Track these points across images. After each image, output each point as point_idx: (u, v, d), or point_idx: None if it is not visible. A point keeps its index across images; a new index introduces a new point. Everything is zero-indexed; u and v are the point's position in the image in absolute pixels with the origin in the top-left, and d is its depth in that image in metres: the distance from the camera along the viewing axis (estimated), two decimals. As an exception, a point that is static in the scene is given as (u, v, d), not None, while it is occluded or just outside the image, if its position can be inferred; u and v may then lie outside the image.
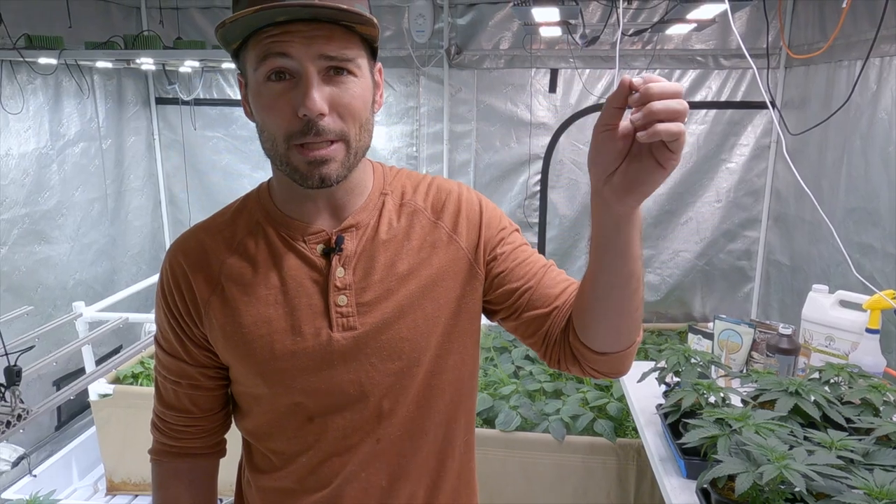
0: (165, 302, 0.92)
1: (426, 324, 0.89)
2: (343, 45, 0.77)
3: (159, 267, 0.97)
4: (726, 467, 1.12)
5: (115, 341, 3.32)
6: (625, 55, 3.25)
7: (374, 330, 0.87)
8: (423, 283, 0.89)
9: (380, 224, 0.90)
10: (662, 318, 3.59)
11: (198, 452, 0.99)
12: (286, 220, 0.89)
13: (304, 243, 0.88)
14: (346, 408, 0.88)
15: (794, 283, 3.00)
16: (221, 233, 0.91)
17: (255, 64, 0.78)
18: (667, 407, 1.58)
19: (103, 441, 2.60)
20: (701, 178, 3.38)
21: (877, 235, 2.23)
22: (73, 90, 3.03)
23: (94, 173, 3.21)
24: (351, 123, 0.79)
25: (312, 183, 0.80)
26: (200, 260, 0.89)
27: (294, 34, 0.75)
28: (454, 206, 0.94)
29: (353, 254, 0.88)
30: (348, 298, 0.87)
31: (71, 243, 3.08)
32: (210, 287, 0.88)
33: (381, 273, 0.88)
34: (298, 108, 0.76)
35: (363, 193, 0.91)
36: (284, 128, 0.78)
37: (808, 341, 1.93)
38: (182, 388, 0.94)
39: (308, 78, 0.76)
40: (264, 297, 0.87)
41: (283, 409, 0.89)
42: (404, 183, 0.95)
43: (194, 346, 0.91)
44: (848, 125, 2.45)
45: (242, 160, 3.66)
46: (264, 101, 0.78)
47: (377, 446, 0.90)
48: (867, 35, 2.27)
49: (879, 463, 1.17)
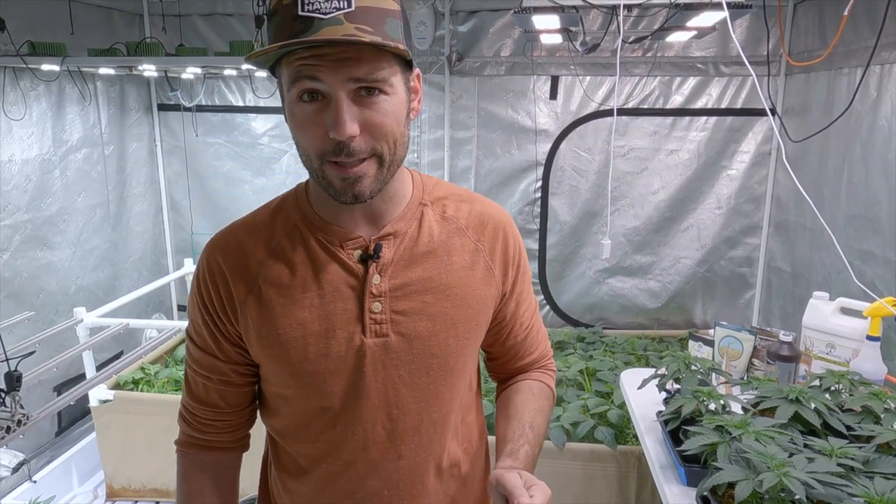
0: (201, 298, 0.92)
1: (457, 344, 0.91)
2: (373, 66, 0.76)
3: (160, 273, 0.98)
4: (726, 475, 1.11)
5: (116, 347, 3.32)
6: (625, 62, 3.26)
7: (405, 341, 0.88)
8: (458, 303, 0.91)
9: (419, 235, 0.91)
10: (663, 324, 3.58)
11: (223, 446, 1.00)
12: (324, 225, 0.90)
13: (341, 249, 0.89)
14: (369, 419, 0.89)
15: (796, 290, 3.00)
16: (260, 233, 0.91)
17: (288, 84, 0.78)
18: (667, 414, 1.57)
19: (103, 447, 2.60)
20: (702, 185, 3.38)
21: (877, 242, 2.23)
22: (76, 97, 3.05)
23: (97, 179, 3.22)
24: (383, 141, 0.80)
25: (346, 199, 0.81)
26: (238, 259, 0.90)
27: (323, 57, 0.75)
28: (494, 233, 0.96)
29: (389, 262, 0.89)
30: (383, 306, 0.88)
31: (73, 249, 3.08)
32: (247, 287, 0.89)
33: (417, 285, 0.89)
34: (329, 131, 0.77)
35: (401, 202, 0.91)
36: (317, 146, 0.79)
37: (809, 348, 1.92)
38: (213, 383, 0.95)
39: (338, 102, 0.76)
40: (300, 299, 0.88)
41: (310, 412, 0.90)
42: (446, 197, 0.95)
43: (228, 343, 0.92)
44: (848, 132, 2.45)
45: (244, 166, 3.67)
46: (297, 120, 0.80)
47: (399, 463, 0.92)
48: (867, 42, 2.27)
49: (880, 471, 1.17)
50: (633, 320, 3.60)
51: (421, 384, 0.90)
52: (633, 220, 3.46)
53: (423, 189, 0.94)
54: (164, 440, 2.53)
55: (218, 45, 3.44)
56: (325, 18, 0.74)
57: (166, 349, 3.01)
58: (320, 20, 0.74)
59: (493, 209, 0.98)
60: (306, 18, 0.74)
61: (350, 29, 0.74)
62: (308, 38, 0.73)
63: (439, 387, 0.91)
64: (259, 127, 3.62)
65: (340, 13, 0.73)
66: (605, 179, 3.21)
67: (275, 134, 3.61)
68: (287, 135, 3.55)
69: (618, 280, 3.57)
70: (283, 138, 3.61)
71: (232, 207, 3.72)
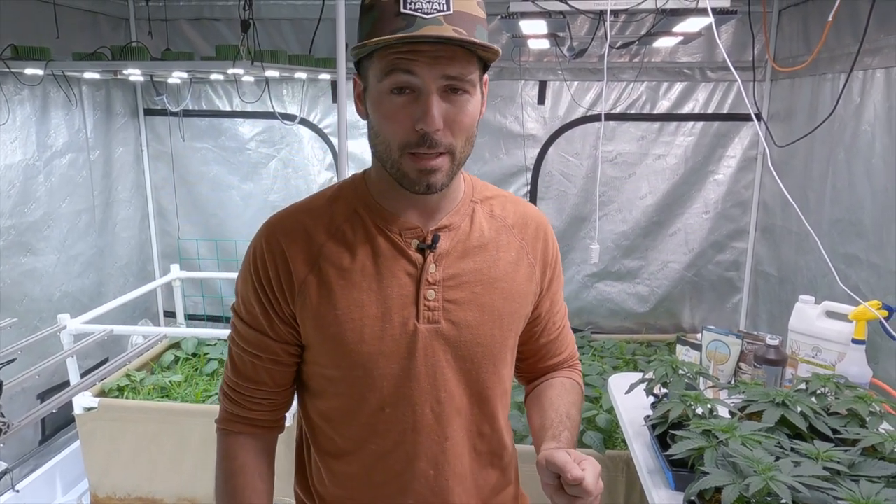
0: (257, 277, 0.94)
1: (501, 335, 0.97)
2: (463, 67, 0.83)
3: (147, 279, 0.99)
4: (713, 479, 1.11)
5: (102, 354, 3.28)
6: (613, 67, 3.28)
7: (455, 328, 0.93)
8: (505, 295, 0.97)
9: (471, 230, 0.97)
10: (651, 328, 3.59)
11: (264, 425, 1.02)
12: (384, 214, 0.94)
13: (400, 237, 0.93)
14: (419, 401, 0.94)
15: (782, 293, 3.02)
16: (320, 217, 0.95)
17: (380, 76, 0.83)
18: (654, 418, 1.58)
19: (88, 455, 2.57)
20: (689, 190, 3.40)
21: (861, 246, 2.25)
22: (61, 101, 3.02)
23: (82, 184, 3.19)
24: (459, 138, 0.86)
25: (419, 189, 0.87)
26: (300, 239, 0.93)
27: (420, 54, 0.80)
28: (535, 233, 1.03)
29: (445, 252, 0.94)
30: (436, 294, 0.93)
31: (57, 255, 3.05)
32: (308, 267, 0.92)
33: (468, 276, 0.95)
34: (417, 123, 0.82)
35: (455, 198, 0.97)
36: (400, 137, 0.84)
37: (796, 352, 1.93)
38: (262, 361, 0.97)
39: (429, 96, 0.82)
40: (359, 282, 0.92)
41: (359, 393, 0.94)
42: (493, 197, 1.02)
43: (281, 322, 0.95)
44: (833, 137, 2.47)
45: (231, 171, 3.65)
46: (385, 110, 0.85)
47: (445, 444, 0.96)
48: (850, 49, 2.29)
49: (865, 474, 1.17)
50: (622, 325, 3.61)
51: (465, 369, 0.95)
52: (621, 225, 3.47)
53: (474, 188, 1.01)
54: (150, 448, 2.52)
55: (205, 49, 3.43)
56: (427, 18, 0.80)
57: (152, 356, 2.99)
58: (423, 19, 0.80)
59: (534, 211, 1.05)
60: (408, 16, 0.79)
61: (449, 30, 0.80)
62: (414, 33, 0.78)
63: (482, 374, 0.96)
64: (246, 132, 3.60)
65: (440, 14, 0.80)
66: (593, 184, 3.22)
67: (262, 139, 3.60)
68: (274, 139, 3.57)
69: (606, 284, 3.58)
70: (271, 143, 3.60)
71: (219, 213, 3.70)
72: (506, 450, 1.06)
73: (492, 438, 1.02)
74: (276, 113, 3.46)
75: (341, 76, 2.18)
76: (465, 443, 0.98)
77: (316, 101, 3.52)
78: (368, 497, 0.99)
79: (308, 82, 3.46)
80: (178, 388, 2.76)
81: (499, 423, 1.02)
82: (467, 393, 0.96)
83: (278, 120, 3.49)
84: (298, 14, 3.38)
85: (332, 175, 3.57)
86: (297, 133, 3.56)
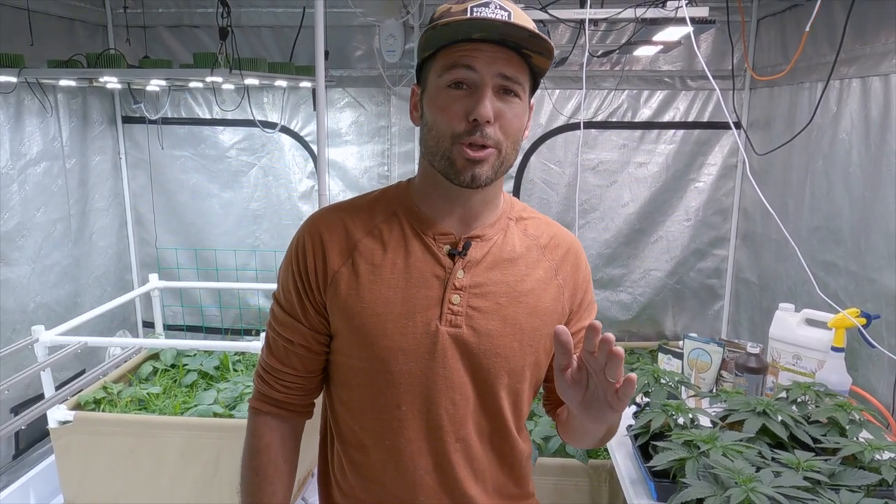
0: (297, 264, 1.00)
1: (521, 349, 0.98)
2: (517, 70, 0.90)
3: (125, 289, 0.99)
4: (694, 491, 1.11)
5: (78, 365, 3.22)
6: (593, 76, 3.29)
7: (475, 335, 0.96)
8: (529, 311, 0.99)
9: (504, 243, 1.01)
10: (634, 336, 3.60)
11: (293, 409, 1.07)
12: (421, 216, 0.99)
13: (433, 240, 0.98)
14: (434, 401, 0.96)
15: (763, 300, 3.04)
16: (361, 215, 1.01)
17: (441, 71, 0.91)
18: (637, 428, 1.57)
19: (63, 470, 2.51)
20: (670, 198, 3.41)
21: (840, 254, 2.27)
22: (36, 109, 2.97)
23: (57, 193, 3.13)
24: (507, 137, 0.92)
25: (464, 178, 0.91)
26: (340, 233, 0.99)
27: (481, 52, 0.88)
28: (566, 256, 1.05)
29: (475, 261, 0.98)
30: (461, 299, 0.96)
31: (32, 265, 2.99)
32: (342, 259, 0.98)
33: (495, 287, 0.98)
34: (470, 113, 0.88)
35: (494, 211, 1.01)
36: (453, 127, 0.90)
37: (776, 360, 1.94)
38: (293, 346, 1.02)
39: (484, 89, 0.89)
40: (388, 279, 0.96)
41: (376, 388, 0.97)
42: (528, 218, 1.06)
43: (313, 310, 1.00)
44: (811, 146, 2.50)
45: (211, 179, 3.61)
46: (441, 102, 0.91)
47: (457, 444, 0.98)
48: (827, 58, 2.32)
49: (845, 483, 1.17)
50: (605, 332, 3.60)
51: (481, 377, 0.97)
52: (603, 233, 3.48)
53: (513, 207, 1.06)
54: (127, 462, 2.46)
55: (184, 56, 3.39)
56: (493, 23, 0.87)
57: (130, 367, 2.93)
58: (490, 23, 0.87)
59: (567, 234, 1.09)
60: (475, 20, 0.87)
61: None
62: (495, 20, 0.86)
63: (497, 384, 0.98)
64: (226, 139, 3.56)
65: (500, 20, 0.87)
66: (575, 192, 3.23)
67: (243, 147, 3.56)
68: (255, 147, 3.54)
69: (589, 292, 3.58)
70: (251, 151, 3.56)
71: (199, 221, 3.66)
72: (518, 460, 1.07)
73: (502, 447, 1.03)
74: (257, 121, 3.43)
75: (320, 84, 2.16)
76: (478, 446, 1.00)
77: (297, 108, 3.49)
78: (381, 490, 1.02)
79: (289, 90, 3.44)
80: (156, 400, 2.71)
81: (511, 434, 1.03)
82: (480, 400, 0.99)
83: (259, 128, 3.46)
84: (279, 21, 3.36)
85: (313, 183, 3.54)
86: (278, 141, 3.53)
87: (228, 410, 2.60)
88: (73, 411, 2.47)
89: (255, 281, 3.63)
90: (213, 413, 2.56)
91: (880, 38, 2.07)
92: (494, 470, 1.03)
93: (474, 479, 1.01)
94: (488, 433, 1.01)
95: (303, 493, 2.72)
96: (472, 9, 0.88)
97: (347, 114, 3.48)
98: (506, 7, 0.90)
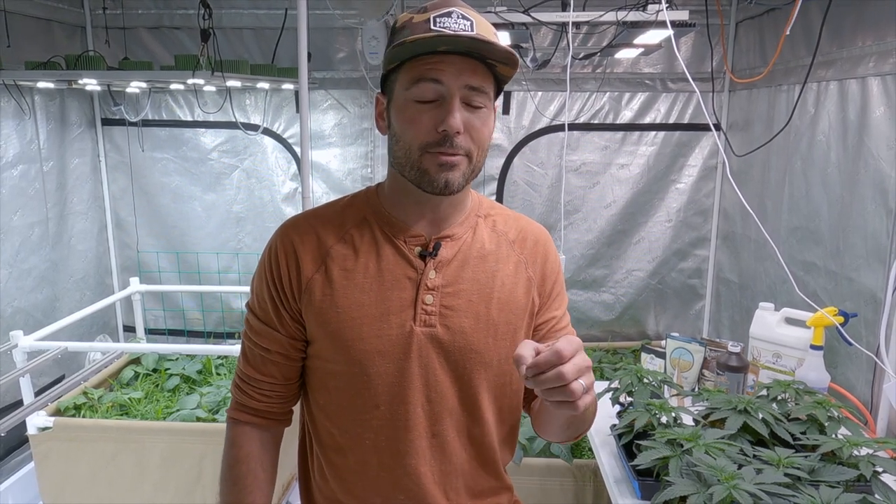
0: (270, 273, 1.01)
1: (495, 343, 1.00)
2: (483, 80, 0.92)
3: (105, 293, 0.98)
4: (678, 489, 1.12)
5: (58, 371, 3.18)
6: (576, 78, 3.31)
7: (449, 333, 0.97)
8: (501, 306, 1.00)
9: (473, 241, 1.02)
10: (617, 336, 3.62)
11: (271, 417, 1.07)
12: (391, 220, 1.01)
13: (404, 242, 0.99)
14: (411, 400, 0.97)
15: (743, 300, 3.07)
16: (332, 222, 1.02)
17: (408, 84, 0.91)
18: (620, 428, 1.59)
19: (42, 477, 2.48)
20: (652, 199, 3.45)
21: (818, 254, 2.30)
22: (13, 111, 2.93)
23: (34, 196, 3.09)
24: (477, 145, 0.93)
25: (437, 186, 0.92)
26: (311, 241, 1.00)
27: (447, 64, 0.89)
28: (535, 248, 1.07)
29: (445, 261, 0.99)
30: (434, 299, 0.97)
31: (9, 269, 2.95)
32: (315, 265, 0.99)
33: (466, 284, 0.99)
34: (439, 125, 0.90)
35: (462, 211, 1.03)
36: (421, 139, 0.91)
37: (757, 358, 1.97)
38: (270, 355, 1.03)
39: (452, 101, 0.90)
40: (361, 283, 0.97)
41: (354, 390, 0.98)
42: (496, 214, 1.08)
43: (289, 317, 1.01)
44: (789, 147, 2.53)
45: (193, 182, 3.58)
46: (409, 114, 0.92)
47: (432, 441, 0.99)
48: (804, 61, 2.36)
49: (825, 479, 1.19)
50: (588, 332, 3.63)
51: (457, 373, 0.98)
52: (586, 234, 3.50)
53: (480, 204, 1.07)
54: (108, 468, 2.44)
55: (165, 58, 3.36)
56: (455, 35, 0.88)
57: (111, 372, 2.90)
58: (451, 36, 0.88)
59: (535, 226, 1.11)
60: (438, 33, 0.87)
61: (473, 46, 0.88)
62: (460, 35, 0.86)
63: (473, 379, 0.99)
64: (209, 142, 3.54)
65: (466, 34, 0.87)
66: (558, 193, 3.25)
67: (225, 149, 3.54)
68: (237, 149, 3.52)
69: (572, 293, 3.60)
70: (234, 153, 3.54)
71: (180, 224, 3.62)
72: (497, 454, 1.07)
73: (482, 442, 1.04)
74: (239, 123, 3.41)
75: (303, 86, 2.15)
76: (456, 442, 1.01)
77: (279, 110, 3.48)
78: (363, 490, 1.02)
79: (271, 92, 3.42)
80: (137, 405, 2.68)
81: (489, 428, 1.04)
82: (458, 396, 1.00)
83: (241, 130, 3.44)
84: (260, 23, 3.34)
85: (296, 185, 3.53)
86: (261, 143, 3.51)
87: (211, 415, 2.58)
88: (53, 417, 2.44)
89: (237, 284, 3.60)
90: (196, 417, 2.54)
91: (857, 42, 2.11)
92: (475, 464, 1.04)
93: (454, 472, 1.02)
94: (467, 427, 1.02)
95: (287, 496, 2.70)
96: (435, 19, 0.89)
97: (330, 116, 3.47)
98: (468, 16, 0.91)
